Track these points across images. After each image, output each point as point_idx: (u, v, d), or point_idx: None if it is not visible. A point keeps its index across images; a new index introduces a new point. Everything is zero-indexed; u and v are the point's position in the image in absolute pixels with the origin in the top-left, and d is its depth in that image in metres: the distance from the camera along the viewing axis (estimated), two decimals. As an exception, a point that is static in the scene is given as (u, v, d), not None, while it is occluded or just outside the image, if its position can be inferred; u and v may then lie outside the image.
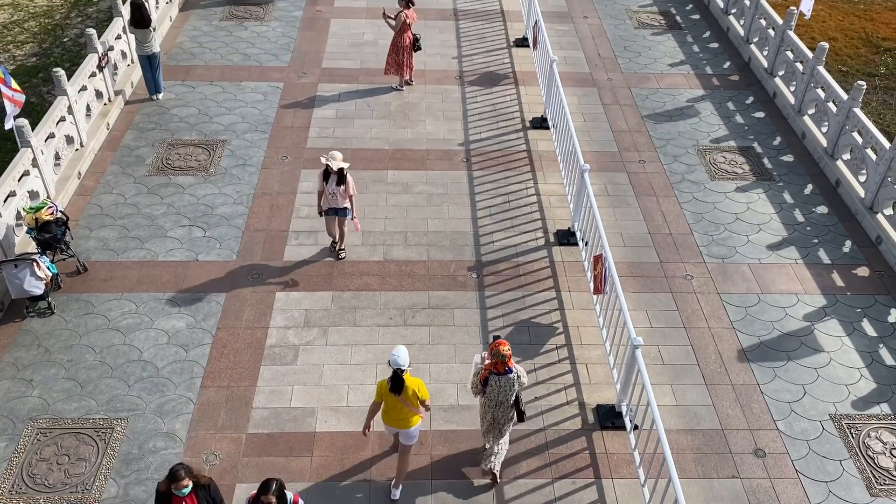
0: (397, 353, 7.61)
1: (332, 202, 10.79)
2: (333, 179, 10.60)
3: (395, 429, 7.99)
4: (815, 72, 14.30)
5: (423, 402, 7.81)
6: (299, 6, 18.40)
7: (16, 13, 20.27)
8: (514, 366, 7.90)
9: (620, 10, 18.91)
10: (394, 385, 7.62)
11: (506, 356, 7.73)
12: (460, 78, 15.98)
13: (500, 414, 8.04)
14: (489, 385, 7.86)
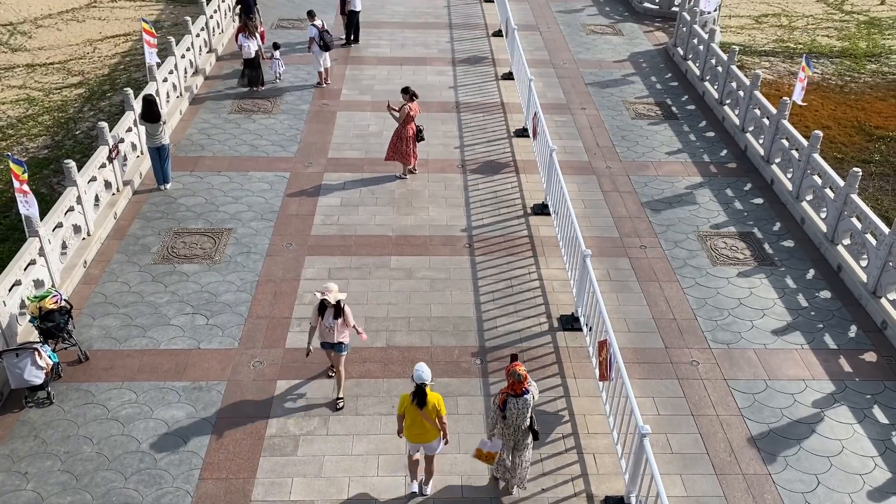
0: (420, 368, 8.16)
1: (328, 336, 9.89)
2: (330, 313, 9.76)
3: (418, 445, 8.54)
4: (810, 159, 14.58)
5: (441, 418, 8.33)
6: (306, 100, 18.97)
7: (31, 108, 20.92)
8: (530, 386, 8.31)
9: (617, 101, 19.46)
10: (418, 399, 8.19)
11: (522, 376, 8.15)
12: (462, 166, 16.30)
13: (520, 438, 8.43)
14: (508, 409, 8.23)
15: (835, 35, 27.67)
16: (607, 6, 26.12)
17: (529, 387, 8.27)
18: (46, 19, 28.27)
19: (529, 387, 8.27)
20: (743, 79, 17.79)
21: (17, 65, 24.10)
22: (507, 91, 19.70)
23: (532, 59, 21.01)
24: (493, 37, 23.12)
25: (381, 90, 19.35)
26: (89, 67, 23.72)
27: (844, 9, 30.85)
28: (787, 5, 31.02)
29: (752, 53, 25.22)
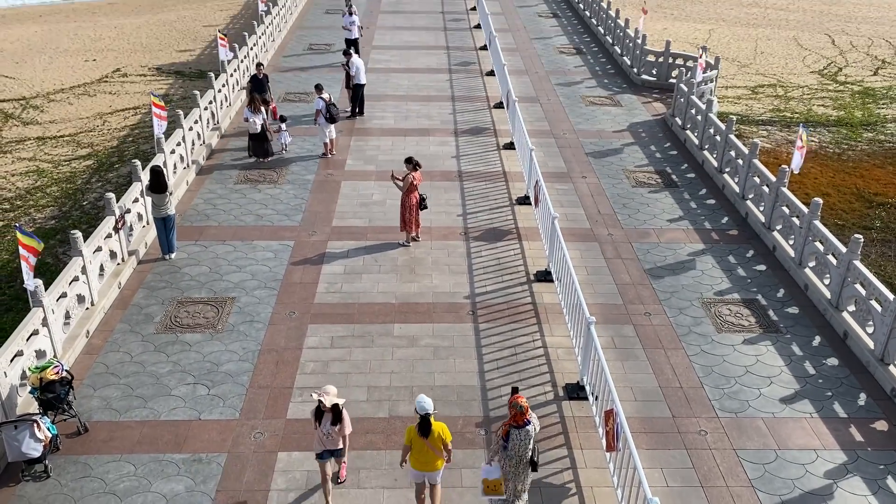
0: (422, 400, 8.62)
1: (327, 443, 9.27)
2: (328, 419, 9.14)
3: (423, 473, 8.87)
4: (811, 226, 14.67)
5: (446, 446, 8.76)
6: (311, 170, 19.25)
7: (40, 179, 21.25)
8: (531, 417, 8.70)
9: (617, 170, 19.71)
10: (422, 429, 8.57)
11: (524, 408, 8.60)
12: (465, 234, 16.41)
13: (521, 470, 8.68)
14: (511, 440, 8.60)
15: (830, 105, 28.20)
16: (605, 79, 26.74)
17: (531, 418, 8.69)
18: (59, 94, 28.99)
19: (531, 418, 8.69)
20: (741, 147, 18.06)
21: (28, 137, 24.60)
22: (509, 160, 19.99)
23: (533, 129, 21.39)
24: (494, 108, 23.60)
25: (385, 160, 19.65)
26: (98, 140, 24.19)
27: (838, 79, 31.53)
28: (783, 76, 31.73)
29: (750, 123, 25.66)
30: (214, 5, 45.75)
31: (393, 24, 32.48)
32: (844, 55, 35.14)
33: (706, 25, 40.24)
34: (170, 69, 31.91)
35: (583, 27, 33.18)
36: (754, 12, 44.18)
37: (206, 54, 33.86)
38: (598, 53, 29.49)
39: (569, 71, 27.41)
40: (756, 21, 41.99)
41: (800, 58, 34.59)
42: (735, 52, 35.17)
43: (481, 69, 27.20)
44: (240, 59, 23.98)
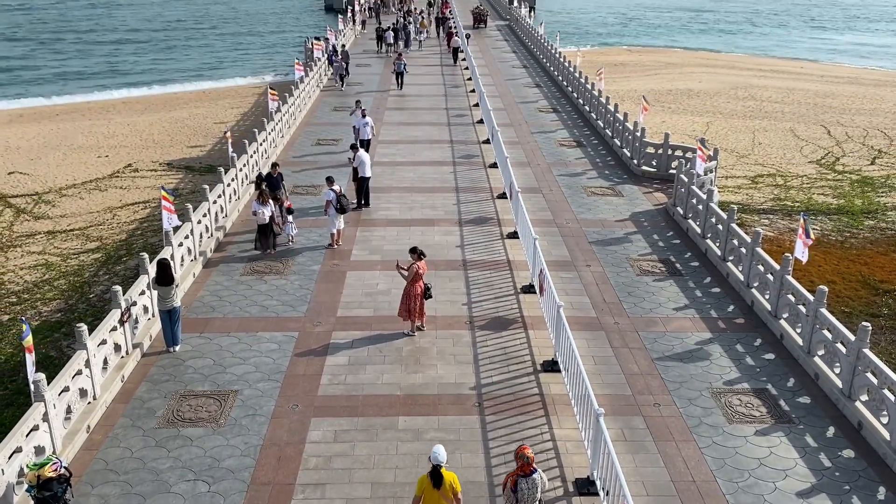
0: (437, 451, 9.08)
1: None
2: None
3: None
4: (818, 314, 14.59)
5: (456, 495, 9.05)
6: (317, 261, 19.40)
7: (48, 272, 21.43)
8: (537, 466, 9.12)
9: (621, 258, 19.82)
10: (434, 480, 8.92)
11: (530, 458, 9.07)
12: (470, 323, 16.35)
13: None
14: (519, 490, 8.94)
15: (830, 193, 28.57)
16: (606, 170, 27.24)
17: (537, 467, 9.19)
18: (71, 189, 29.61)
19: (537, 467, 9.19)
20: (744, 236, 18.19)
21: (38, 232, 24.98)
22: (513, 249, 20.14)
23: (536, 219, 21.64)
24: (497, 199, 23.96)
25: (390, 250, 19.82)
26: (108, 233, 24.54)
27: (836, 169, 32.06)
28: (781, 166, 32.29)
29: (751, 211, 25.95)
30: (226, 103, 47.27)
31: (399, 120, 33.42)
32: (841, 145, 35.86)
33: (703, 118, 41.30)
34: (180, 164, 32.69)
35: (582, 121, 34.07)
36: (750, 105, 45.41)
37: (216, 150, 34.74)
38: (598, 146, 30.16)
39: (570, 163, 27.97)
40: (752, 114, 43.09)
41: (797, 148, 35.30)
42: (733, 143, 35.94)
43: (484, 161, 27.78)
44: (249, 154, 24.57)
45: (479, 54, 49.31)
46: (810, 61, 72.75)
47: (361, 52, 51.32)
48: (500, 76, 44.05)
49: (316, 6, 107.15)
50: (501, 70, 46.09)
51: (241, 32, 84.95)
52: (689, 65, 64.49)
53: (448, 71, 45.55)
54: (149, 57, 68.74)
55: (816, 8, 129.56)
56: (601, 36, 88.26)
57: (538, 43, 50.01)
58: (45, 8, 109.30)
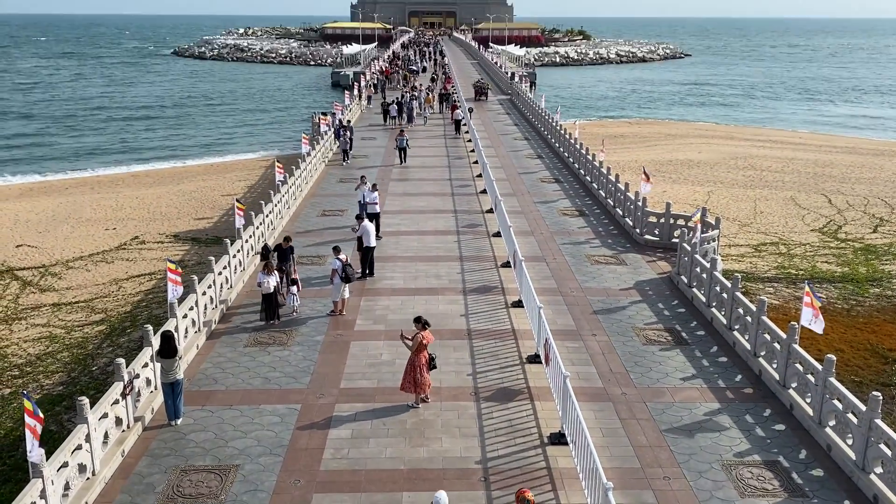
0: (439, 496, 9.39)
1: None
2: None
3: None
4: (828, 383, 14.40)
5: None
6: (321, 331, 19.34)
7: (51, 345, 21.37)
8: None
9: (626, 327, 19.71)
10: None
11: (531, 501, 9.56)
12: (475, 394, 16.16)
13: None
14: None
15: (834, 261, 28.60)
16: (609, 239, 27.39)
17: None
18: (78, 261, 29.81)
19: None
20: (749, 305, 18.13)
21: (44, 304, 25.02)
22: (518, 318, 20.07)
23: (540, 287, 21.64)
24: (501, 268, 24.02)
25: (394, 319, 19.77)
26: (112, 305, 24.57)
27: (839, 237, 32.17)
28: (784, 234, 32.43)
29: (756, 280, 25.93)
30: (234, 176, 48.02)
31: (403, 190, 33.85)
32: (842, 214, 36.09)
33: (704, 188, 41.73)
34: (187, 236, 32.98)
35: (584, 191, 34.45)
36: (750, 175, 45.94)
37: (222, 221, 35.10)
38: (600, 215, 30.41)
39: (573, 231, 28.15)
40: (753, 183, 43.56)
41: (799, 216, 35.52)
42: (735, 212, 36.21)
43: (488, 230, 27.98)
44: (255, 226, 24.82)
45: (481, 127, 50.28)
46: (808, 132, 73.97)
47: (367, 125, 52.40)
48: (503, 148, 44.80)
49: (323, 83, 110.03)
50: (504, 142, 46.90)
51: (250, 109, 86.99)
52: (688, 136, 65.60)
53: (451, 143, 46.37)
54: (160, 133, 70.28)
55: (811, 80, 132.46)
56: (601, 109, 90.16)
57: (539, 116, 51.04)
58: (62, 86, 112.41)
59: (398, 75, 77.66)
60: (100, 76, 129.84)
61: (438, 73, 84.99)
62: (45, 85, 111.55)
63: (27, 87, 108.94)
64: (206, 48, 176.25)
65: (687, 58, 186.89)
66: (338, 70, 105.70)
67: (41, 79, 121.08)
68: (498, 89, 76.99)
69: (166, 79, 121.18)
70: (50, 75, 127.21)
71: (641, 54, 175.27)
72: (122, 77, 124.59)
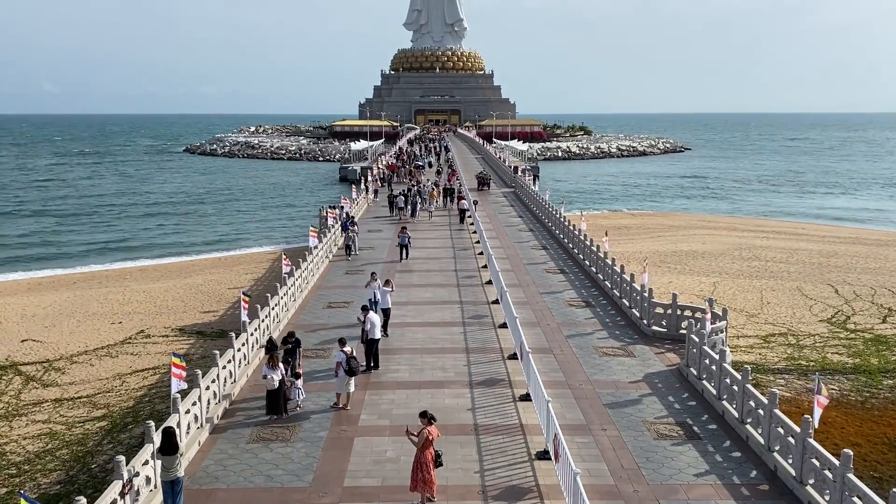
0: None
1: None
2: None
3: None
4: (846, 480, 13.96)
5: None
6: (324, 426, 18.99)
7: (51, 442, 21.00)
8: None
9: (637, 421, 19.31)
10: None
11: None
12: (483, 493, 15.68)
13: None
14: None
15: (844, 352, 28.25)
16: (616, 330, 27.22)
17: None
18: (82, 356, 29.67)
19: None
20: (761, 398, 17.80)
21: (45, 400, 24.75)
22: (526, 412, 19.70)
23: (548, 380, 21.35)
24: (508, 360, 23.79)
25: (399, 414, 19.43)
26: (115, 400, 24.28)
27: (848, 327, 31.91)
28: (793, 325, 32.19)
29: (766, 371, 25.57)
30: (241, 269, 48.38)
31: (409, 282, 33.97)
32: (850, 304, 35.92)
33: (710, 278, 41.77)
34: (192, 330, 32.92)
35: (590, 281, 34.50)
36: (755, 265, 46.05)
37: (228, 315, 35.11)
38: (606, 306, 30.33)
39: (580, 323, 28.01)
40: (758, 273, 43.60)
41: (806, 307, 35.35)
42: (742, 302, 36.09)
43: (494, 322, 27.87)
44: (260, 319, 24.79)
45: (486, 218, 50.93)
46: (810, 223, 74.61)
47: (374, 217, 53.15)
48: (508, 239, 45.21)
49: (332, 178, 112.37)
50: (508, 233, 47.38)
51: (259, 203, 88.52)
52: (692, 227, 66.21)
53: (456, 233, 46.85)
54: (169, 228, 71.33)
55: (811, 172, 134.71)
56: (605, 201, 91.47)
57: (543, 208, 51.75)
58: (76, 183, 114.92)
59: (404, 170, 79.38)
60: (113, 173, 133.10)
61: (443, 166, 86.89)
62: (59, 182, 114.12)
63: (42, 184, 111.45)
64: (217, 145, 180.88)
65: (687, 151, 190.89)
66: (345, 165, 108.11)
67: (56, 175, 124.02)
68: (502, 182, 78.42)
69: (177, 175, 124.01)
70: (65, 172, 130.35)
71: (642, 148, 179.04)
72: (135, 174, 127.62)
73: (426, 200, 55.81)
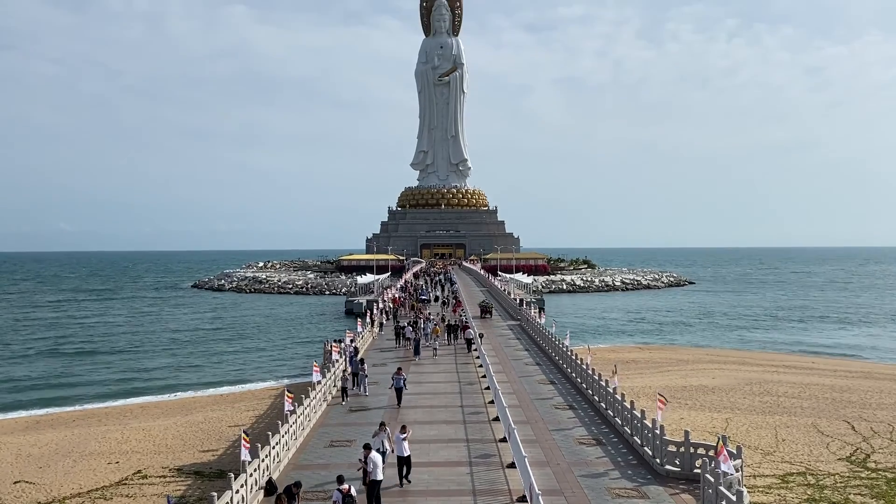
0: None
1: None
2: None
3: None
4: None
5: None
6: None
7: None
8: None
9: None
10: None
11: None
12: None
13: None
14: None
15: (867, 493, 27.11)
16: (629, 469, 26.29)
17: None
18: (75, 498, 28.66)
19: None
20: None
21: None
22: (536, 561, 18.67)
23: (559, 525, 20.41)
24: (517, 503, 22.84)
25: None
26: (106, 546, 23.16)
27: (869, 466, 30.78)
28: (810, 464, 31.08)
29: (787, 513, 24.42)
30: (243, 405, 47.62)
31: (413, 418, 33.22)
32: (868, 441, 34.84)
33: (721, 414, 40.80)
34: (190, 469, 31.94)
35: (600, 418, 33.70)
36: (767, 401, 45.07)
37: (228, 454, 34.18)
38: (618, 444, 29.46)
39: (590, 462, 27.11)
40: (771, 409, 42.61)
41: (823, 444, 34.27)
42: (756, 440, 35.04)
43: (502, 461, 26.99)
44: (261, 458, 24.09)
45: (492, 352, 50.51)
46: (821, 356, 73.75)
47: (379, 351, 52.79)
48: (514, 373, 44.65)
49: (338, 311, 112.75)
50: (515, 367, 46.85)
51: (264, 338, 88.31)
52: (700, 361, 65.45)
53: (462, 367, 46.31)
54: (173, 364, 70.72)
55: (819, 306, 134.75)
56: (611, 334, 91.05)
57: (549, 341, 51.44)
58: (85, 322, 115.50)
59: (408, 303, 79.80)
60: (121, 309, 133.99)
61: (449, 297, 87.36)
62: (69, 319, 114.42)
63: (54, 321, 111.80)
64: (225, 281, 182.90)
65: (691, 285, 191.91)
66: (351, 298, 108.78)
67: (65, 313, 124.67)
68: (507, 315, 78.50)
69: (184, 312, 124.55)
70: (75, 311, 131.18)
71: (646, 282, 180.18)
72: (143, 310, 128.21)
73: (429, 336, 54.80)
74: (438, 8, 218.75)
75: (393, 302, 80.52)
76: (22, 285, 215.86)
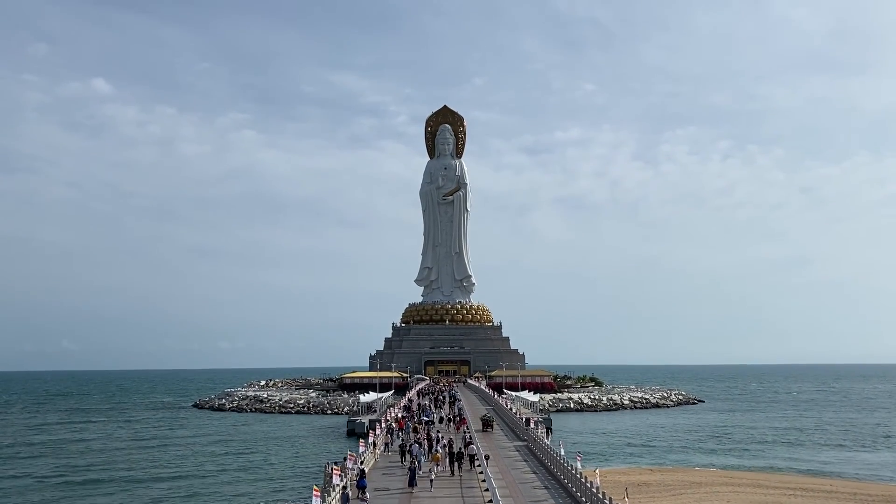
0: None
1: None
2: None
3: None
4: None
5: None
6: None
7: None
8: None
9: None
10: None
11: None
12: None
13: None
14: None
15: None
16: None
17: None
18: None
19: None
20: None
21: None
22: None
23: None
24: None
25: None
26: None
27: None
28: None
29: None
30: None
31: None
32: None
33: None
34: None
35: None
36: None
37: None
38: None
39: None
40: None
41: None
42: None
43: None
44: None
45: (499, 475, 48.89)
46: (837, 478, 71.24)
47: (382, 474, 51.19)
48: (522, 497, 43.06)
49: (339, 431, 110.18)
50: (522, 490, 45.24)
51: (261, 460, 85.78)
52: (714, 483, 63.22)
53: (468, 493, 44.61)
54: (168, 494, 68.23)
55: (832, 426, 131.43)
56: (623, 456, 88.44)
57: (558, 464, 49.89)
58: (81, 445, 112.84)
59: (411, 425, 78.11)
60: (118, 431, 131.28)
61: (454, 414, 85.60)
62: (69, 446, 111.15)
63: (52, 444, 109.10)
64: (225, 400, 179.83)
65: (700, 403, 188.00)
66: (353, 418, 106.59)
67: (64, 437, 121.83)
68: (514, 435, 76.57)
69: (183, 435, 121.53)
70: (74, 433, 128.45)
71: (655, 400, 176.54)
72: (142, 434, 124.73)
73: (427, 461, 49.81)
74: (443, 132, 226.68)
75: (397, 423, 78.87)
76: (26, 405, 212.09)
